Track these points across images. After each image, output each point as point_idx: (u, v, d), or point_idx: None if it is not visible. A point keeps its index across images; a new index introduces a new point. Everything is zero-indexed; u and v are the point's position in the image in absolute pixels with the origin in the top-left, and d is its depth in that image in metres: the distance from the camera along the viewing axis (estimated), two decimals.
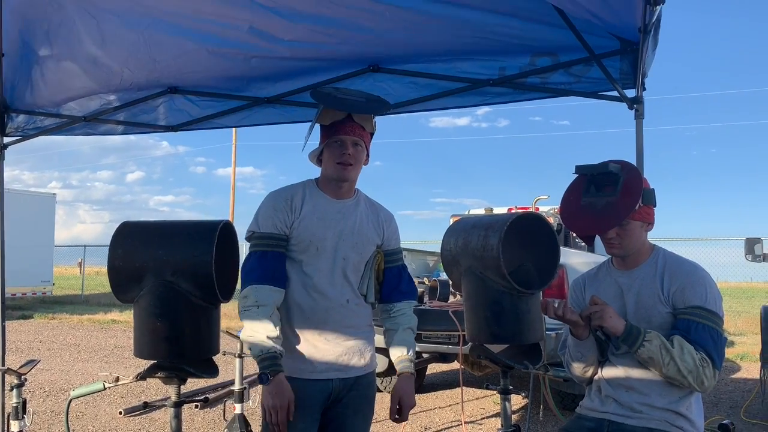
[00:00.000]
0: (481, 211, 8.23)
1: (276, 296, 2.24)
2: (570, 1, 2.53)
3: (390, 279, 2.46)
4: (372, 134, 2.42)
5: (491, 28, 3.05)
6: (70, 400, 2.85)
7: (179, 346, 2.50)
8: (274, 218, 2.30)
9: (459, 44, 3.29)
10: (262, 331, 2.18)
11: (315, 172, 2.46)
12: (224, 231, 2.61)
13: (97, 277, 25.63)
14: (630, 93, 3.13)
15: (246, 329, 2.21)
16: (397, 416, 2.34)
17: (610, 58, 3.15)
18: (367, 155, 2.41)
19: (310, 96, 2.46)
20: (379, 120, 4.05)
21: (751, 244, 7.31)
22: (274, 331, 2.18)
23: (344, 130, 2.30)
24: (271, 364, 2.16)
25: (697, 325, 2.13)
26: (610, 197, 2.25)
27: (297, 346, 2.29)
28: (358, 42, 3.35)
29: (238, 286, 2.44)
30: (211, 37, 3.31)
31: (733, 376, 8.46)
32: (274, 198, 2.35)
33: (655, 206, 2.31)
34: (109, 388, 2.71)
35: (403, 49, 3.43)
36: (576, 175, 2.42)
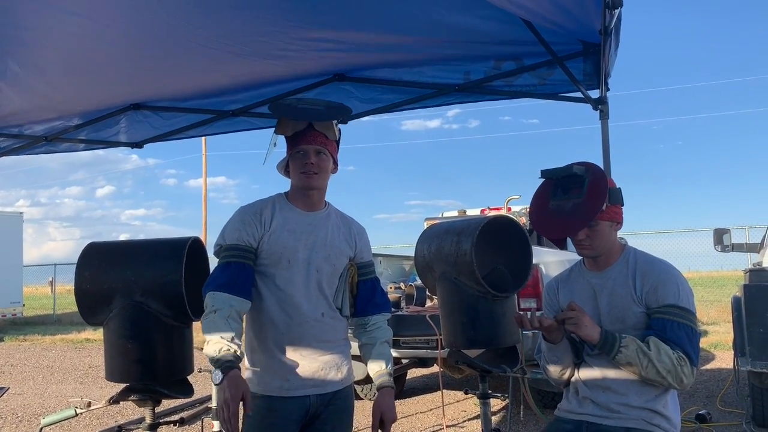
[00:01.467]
0: (454, 213, 8.24)
1: (234, 303, 2.18)
2: (531, 12, 2.56)
3: (364, 292, 2.44)
4: (337, 142, 2.40)
5: (455, 35, 3.05)
6: (41, 429, 2.78)
7: (152, 367, 2.45)
8: (241, 231, 2.27)
9: (423, 51, 3.29)
10: (216, 333, 2.11)
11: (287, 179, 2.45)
12: (193, 248, 2.57)
13: (69, 295, 25.11)
14: (594, 93, 3.17)
15: (206, 338, 2.14)
16: (379, 431, 2.32)
17: (574, 60, 3.18)
18: (335, 163, 2.39)
19: (269, 109, 2.45)
20: (349, 125, 4.05)
21: (719, 235, 7.44)
22: (229, 333, 2.10)
23: (306, 139, 2.29)
24: (224, 362, 2.06)
25: (672, 323, 2.15)
26: (576, 199, 2.26)
27: (272, 364, 2.25)
28: (320, 56, 3.33)
29: None
30: (170, 54, 3.27)
31: (708, 366, 8.59)
32: (242, 213, 2.33)
33: (622, 205, 2.33)
34: (80, 414, 2.65)
35: (367, 59, 3.42)
36: (543, 179, 2.43)
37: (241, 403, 2.04)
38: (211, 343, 2.10)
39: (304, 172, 2.28)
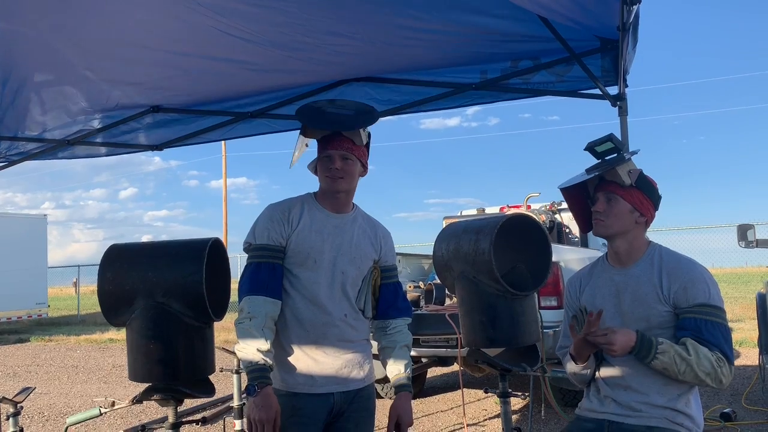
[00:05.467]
0: (473, 212, 8.22)
1: (269, 307, 2.23)
2: (549, 9, 2.54)
3: (386, 295, 2.46)
4: (367, 145, 2.40)
5: (471, 35, 3.04)
6: (67, 428, 2.83)
7: (174, 367, 2.48)
8: (270, 230, 2.31)
9: (440, 52, 3.29)
10: (252, 344, 2.17)
11: (308, 180, 2.47)
12: (214, 249, 2.59)
13: (93, 296, 25.41)
14: (612, 90, 3.14)
15: (239, 342, 2.22)
16: None
17: (591, 57, 3.15)
18: (364, 166, 2.39)
19: (295, 114, 2.45)
20: None
21: (743, 231, 7.32)
22: (265, 345, 2.17)
23: (333, 144, 2.31)
24: (259, 376, 2.15)
25: (707, 323, 2.11)
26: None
27: (296, 361, 2.27)
28: (338, 59, 3.34)
29: (233, 299, 2.43)
30: (193, 57, 3.29)
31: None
32: (271, 210, 2.37)
33: (651, 201, 2.28)
34: (105, 413, 2.69)
35: (384, 62, 3.43)
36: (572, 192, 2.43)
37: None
38: (247, 354, 2.17)
39: (329, 176, 2.30)
